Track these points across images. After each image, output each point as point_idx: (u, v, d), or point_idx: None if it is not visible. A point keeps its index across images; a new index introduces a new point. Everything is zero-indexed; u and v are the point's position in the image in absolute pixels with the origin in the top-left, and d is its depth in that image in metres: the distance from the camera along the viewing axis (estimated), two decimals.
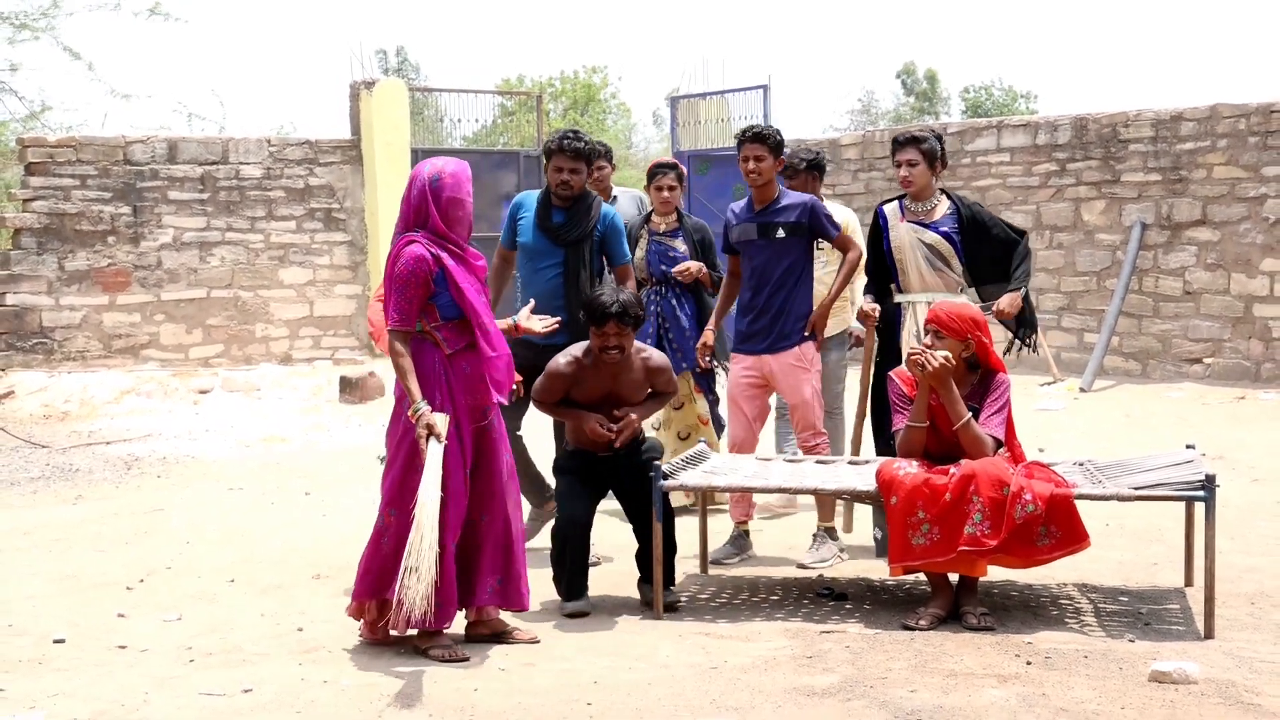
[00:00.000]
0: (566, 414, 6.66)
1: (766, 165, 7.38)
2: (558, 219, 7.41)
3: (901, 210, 7.40)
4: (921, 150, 7.29)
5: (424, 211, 5.77)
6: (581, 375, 6.56)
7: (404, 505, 5.71)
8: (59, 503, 9.51)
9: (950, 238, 7.28)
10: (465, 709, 5.11)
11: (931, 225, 7.30)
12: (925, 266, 7.27)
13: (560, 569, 6.49)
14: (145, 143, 16.62)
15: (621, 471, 6.61)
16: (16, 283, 15.87)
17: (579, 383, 6.57)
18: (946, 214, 7.34)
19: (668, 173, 8.48)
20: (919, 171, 7.30)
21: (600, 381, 6.56)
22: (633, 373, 6.60)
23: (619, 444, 6.55)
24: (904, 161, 7.33)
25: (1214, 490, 5.88)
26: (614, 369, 6.54)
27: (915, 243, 7.28)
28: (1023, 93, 45.27)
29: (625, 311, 6.39)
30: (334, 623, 6.21)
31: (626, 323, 6.41)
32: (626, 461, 6.59)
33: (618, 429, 6.53)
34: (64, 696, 5.27)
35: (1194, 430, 11.26)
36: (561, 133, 7.50)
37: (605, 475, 6.66)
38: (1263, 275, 14.10)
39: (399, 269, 5.69)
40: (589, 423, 6.54)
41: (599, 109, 36.81)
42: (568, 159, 7.34)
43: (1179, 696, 5.09)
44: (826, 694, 5.22)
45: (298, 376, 15.77)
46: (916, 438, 6.27)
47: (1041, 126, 16.11)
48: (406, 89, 18.63)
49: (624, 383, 6.59)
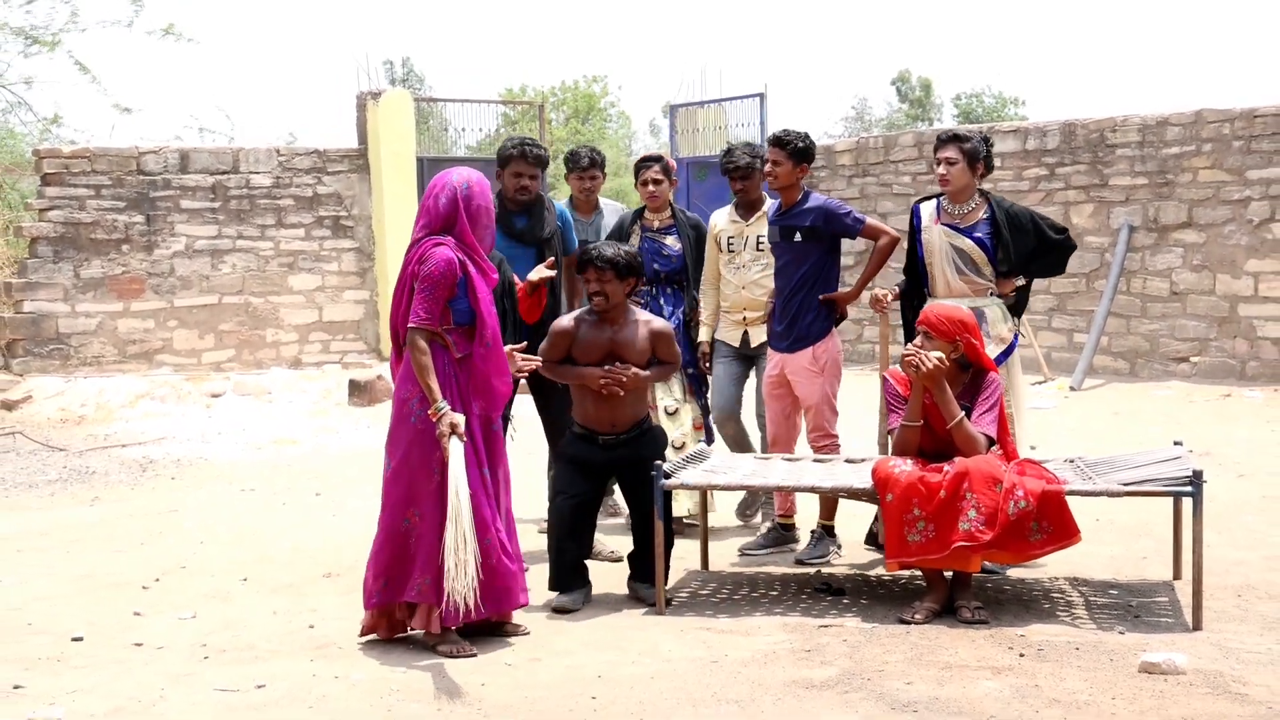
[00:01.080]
0: (570, 373, 6.66)
1: (784, 170, 7.43)
2: (521, 223, 7.49)
3: (938, 211, 7.21)
4: (963, 149, 7.07)
5: (453, 218, 5.87)
6: (583, 332, 6.62)
7: (426, 506, 5.78)
8: (76, 504, 9.60)
9: (984, 244, 7.06)
10: (473, 703, 5.18)
11: (966, 230, 7.09)
12: (952, 272, 7.09)
13: (553, 560, 6.56)
14: (158, 153, 16.76)
15: (623, 461, 6.65)
16: (34, 290, 16.04)
17: (580, 341, 6.61)
18: (983, 218, 7.10)
19: (651, 165, 8.26)
20: (958, 171, 7.07)
21: (601, 340, 6.60)
22: (635, 334, 6.63)
23: (619, 391, 6.54)
24: (944, 160, 7.09)
25: (1201, 486, 5.93)
26: (614, 328, 6.59)
27: (946, 247, 7.10)
28: (1012, 98, 45.45)
29: (601, 256, 6.50)
30: (345, 620, 6.27)
31: (604, 267, 6.49)
32: (628, 451, 6.63)
33: (617, 376, 6.53)
34: (82, 693, 5.33)
35: (1181, 428, 11.31)
36: (519, 139, 7.53)
37: (607, 464, 6.67)
38: (1247, 276, 14.21)
39: (431, 269, 5.76)
40: (590, 375, 6.57)
41: (599, 118, 36.84)
42: (528, 165, 7.42)
43: (1168, 687, 5.16)
44: (825, 686, 5.28)
45: (307, 380, 15.84)
46: (911, 436, 6.36)
47: (1031, 132, 16.22)
48: (412, 99, 18.73)
49: (625, 343, 6.61)
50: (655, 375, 6.78)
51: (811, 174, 18.40)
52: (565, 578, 6.52)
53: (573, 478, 6.64)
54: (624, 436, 6.65)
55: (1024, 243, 7.11)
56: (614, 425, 6.63)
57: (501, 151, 7.52)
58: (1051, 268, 7.43)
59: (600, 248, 6.63)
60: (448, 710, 5.11)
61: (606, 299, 6.56)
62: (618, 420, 6.64)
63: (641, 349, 6.65)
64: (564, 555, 6.52)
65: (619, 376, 6.55)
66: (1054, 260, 7.33)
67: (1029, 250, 7.13)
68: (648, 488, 6.51)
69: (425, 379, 5.73)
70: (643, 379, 6.63)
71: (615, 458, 6.65)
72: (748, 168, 7.82)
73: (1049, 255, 7.24)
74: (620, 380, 6.55)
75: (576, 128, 34.23)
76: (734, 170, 7.85)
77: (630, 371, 6.58)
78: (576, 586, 6.54)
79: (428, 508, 5.78)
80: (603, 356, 6.61)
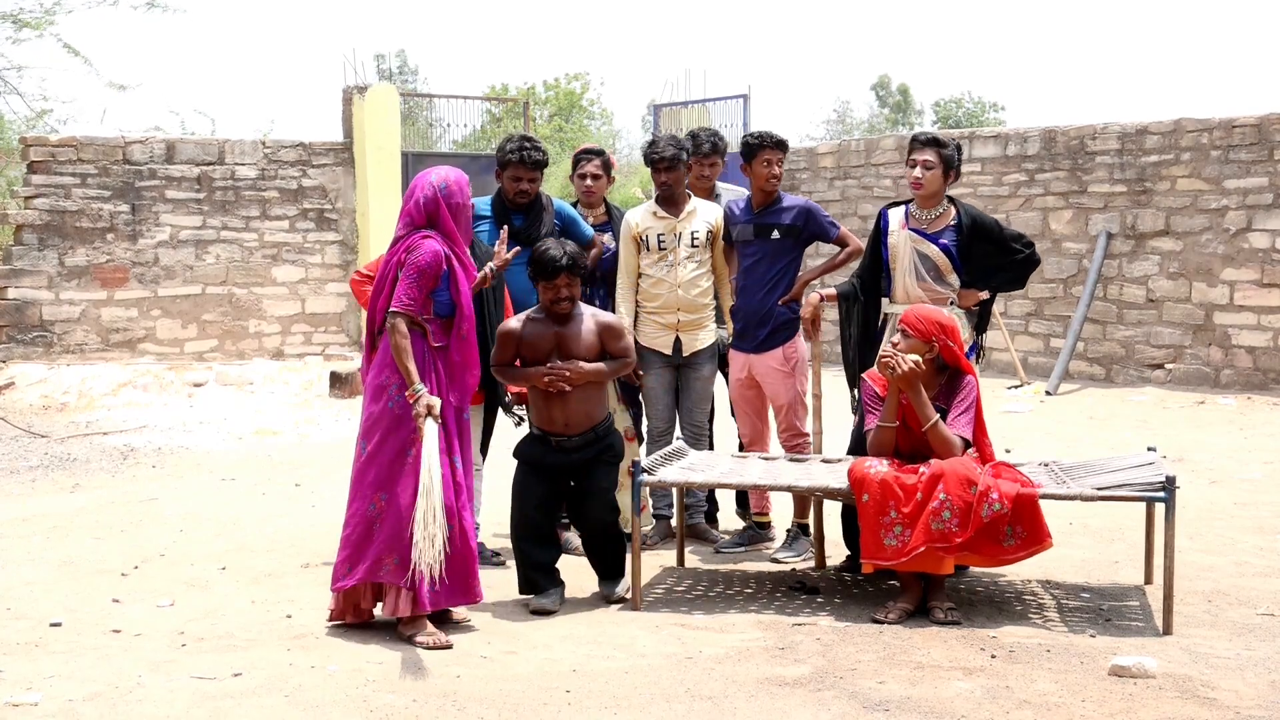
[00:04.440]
0: (518, 375, 6.58)
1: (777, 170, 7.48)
2: (519, 222, 7.42)
3: (906, 217, 7.09)
4: (941, 154, 6.96)
5: (435, 215, 6.00)
6: (528, 331, 6.52)
7: (396, 488, 5.88)
8: (57, 491, 9.60)
9: (949, 250, 6.96)
10: (449, 694, 5.21)
11: (933, 236, 6.98)
12: (912, 279, 6.97)
13: (519, 564, 6.53)
14: (144, 143, 16.79)
15: (576, 465, 6.54)
16: (18, 277, 16.07)
17: (527, 341, 6.51)
18: (950, 225, 6.99)
19: (592, 158, 7.87)
20: (932, 176, 6.94)
21: (546, 338, 6.50)
22: (582, 331, 6.53)
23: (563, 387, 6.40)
24: (920, 162, 6.95)
25: (1174, 491, 5.98)
26: (561, 325, 6.50)
27: (911, 253, 6.99)
28: (991, 103, 45.77)
29: (575, 263, 6.44)
30: (322, 610, 6.29)
31: (576, 273, 6.46)
32: (580, 456, 6.53)
33: (560, 372, 6.41)
34: (60, 679, 5.35)
35: (1155, 433, 11.42)
36: (519, 142, 7.45)
37: (561, 466, 6.54)
38: (1223, 284, 14.30)
39: (419, 258, 5.89)
40: (534, 373, 6.48)
41: (581, 115, 36.85)
42: (526, 170, 7.38)
43: (1137, 690, 5.20)
44: (798, 684, 5.32)
45: (289, 371, 15.88)
46: (887, 437, 6.39)
47: (1011, 138, 16.30)
48: (398, 94, 18.77)
49: (573, 339, 6.50)
50: (605, 370, 6.57)
51: (792, 175, 18.53)
52: (533, 580, 6.47)
53: (527, 481, 6.56)
54: (577, 439, 6.52)
55: (989, 252, 7.02)
56: (566, 425, 6.50)
57: (500, 154, 7.47)
58: (1013, 282, 7.27)
59: (555, 252, 6.45)
60: (423, 701, 5.14)
61: (573, 301, 6.52)
62: (570, 420, 6.50)
63: (589, 344, 6.53)
64: (528, 557, 6.47)
65: (561, 372, 6.42)
66: (1016, 274, 7.18)
67: (994, 261, 7.03)
68: (597, 494, 6.48)
69: (403, 360, 5.85)
70: (587, 372, 6.46)
71: (569, 461, 6.54)
72: (673, 159, 7.53)
73: (1013, 268, 7.11)
74: (563, 375, 6.43)
75: (560, 125, 34.23)
76: (658, 162, 7.53)
77: (573, 365, 6.45)
78: (549, 587, 6.46)
79: (397, 489, 5.88)
80: (549, 355, 6.51)
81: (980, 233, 7.00)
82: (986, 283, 7.08)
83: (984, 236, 7.00)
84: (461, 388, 6.08)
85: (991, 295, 7.13)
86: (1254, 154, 14.03)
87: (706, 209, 7.70)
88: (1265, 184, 13.95)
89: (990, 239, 7.01)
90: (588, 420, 6.54)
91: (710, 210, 7.71)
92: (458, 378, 6.05)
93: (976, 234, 6.99)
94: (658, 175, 7.58)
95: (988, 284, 7.09)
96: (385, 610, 5.99)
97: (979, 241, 6.98)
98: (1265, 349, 14.00)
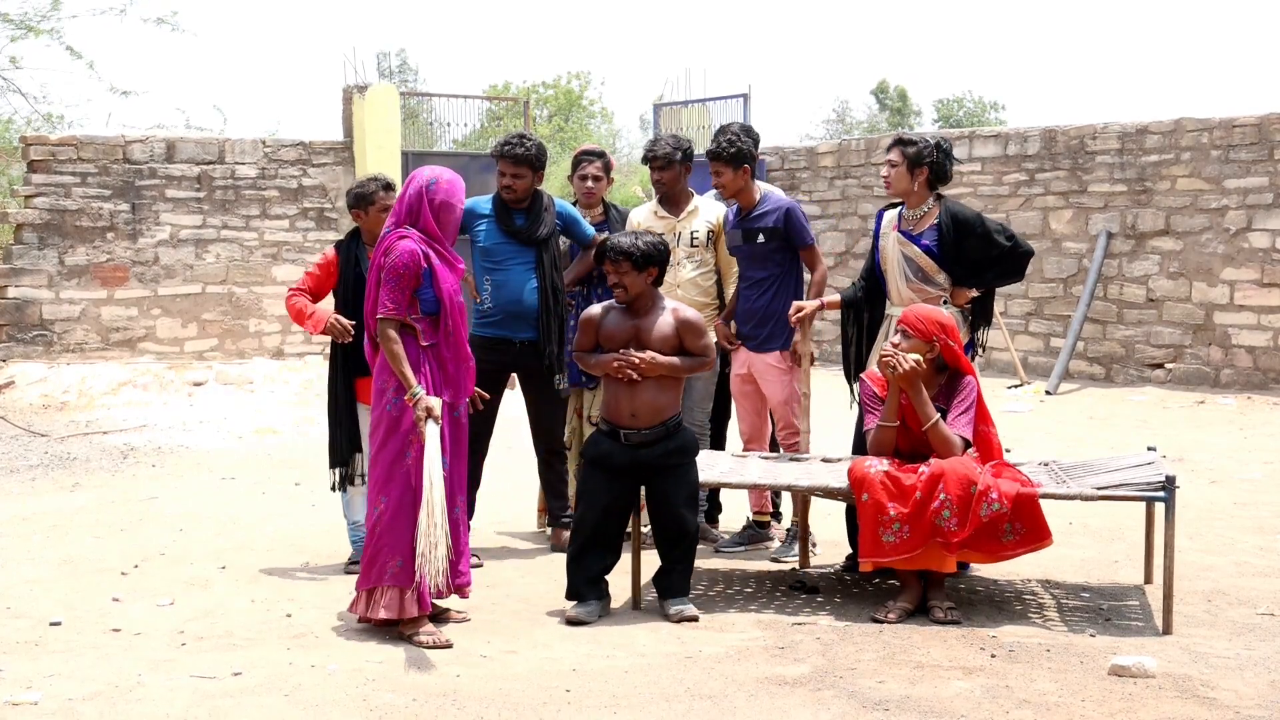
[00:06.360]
0: (593, 362, 6.50)
1: (725, 179, 7.39)
2: (520, 221, 7.43)
3: (898, 219, 7.10)
4: (905, 153, 6.97)
5: (417, 211, 6.02)
6: (609, 321, 6.49)
7: (393, 490, 5.91)
8: (57, 490, 9.60)
9: (931, 250, 6.94)
10: (448, 693, 5.20)
11: (916, 237, 6.97)
12: (902, 281, 6.98)
13: (569, 569, 6.37)
14: (144, 142, 16.78)
15: (646, 463, 6.37)
16: (18, 276, 16.07)
17: (606, 330, 6.47)
18: (932, 225, 6.97)
19: (593, 159, 7.93)
20: (898, 174, 6.97)
21: (626, 329, 6.44)
22: (660, 323, 6.44)
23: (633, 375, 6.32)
24: (886, 162, 7.06)
25: (1174, 491, 5.99)
26: (640, 316, 6.45)
27: (898, 255, 7.00)
28: (992, 103, 45.83)
29: (616, 247, 6.39)
30: (322, 609, 6.32)
31: (618, 259, 6.37)
32: (651, 452, 6.36)
33: (630, 359, 6.33)
34: (60, 678, 5.35)
35: (1155, 433, 11.43)
36: (504, 138, 7.47)
37: (631, 465, 6.37)
38: (1223, 284, 14.33)
39: (394, 260, 5.91)
40: (605, 359, 6.41)
41: (582, 114, 36.85)
42: (509, 164, 7.38)
43: (1137, 689, 5.20)
44: (798, 683, 5.32)
45: (289, 371, 15.89)
46: (887, 436, 6.40)
47: (1012, 138, 16.31)
48: (398, 94, 18.76)
49: (650, 332, 6.42)
50: (680, 364, 6.43)
51: (792, 175, 18.55)
52: (578, 588, 6.31)
53: (594, 482, 6.41)
54: (646, 432, 6.36)
55: (971, 247, 6.95)
56: (633, 416, 6.35)
57: (492, 151, 7.51)
58: (1007, 275, 7.18)
59: (616, 239, 6.48)
60: (422, 701, 5.14)
61: (626, 290, 6.45)
62: (638, 411, 6.34)
63: (666, 337, 6.42)
64: (580, 565, 6.31)
65: (631, 359, 6.34)
66: (1009, 267, 7.10)
67: (978, 256, 6.96)
68: (665, 505, 6.35)
69: (399, 366, 5.89)
70: (660, 364, 6.34)
71: (639, 458, 6.36)
72: (666, 159, 7.60)
73: (1001, 262, 7.04)
74: (632, 362, 6.35)
75: (560, 125, 34.25)
76: (651, 161, 7.64)
77: (646, 355, 6.37)
78: (592, 598, 6.30)
79: (394, 492, 5.91)
80: (626, 345, 6.43)
81: (961, 228, 6.94)
82: (978, 279, 7.04)
83: (965, 232, 6.94)
84: (455, 385, 6.08)
85: (990, 291, 7.13)
86: (1254, 154, 14.05)
87: (708, 208, 7.73)
88: (1265, 184, 13.98)
89: (972, 234, 6.95)
90: (656, 414, 6.38)
91: (712, 209, 7.74)
92: (450, 374, 6.06)
93: (958, 230, 6.93)
94: (653, 174, 7.68)
95: (979, 280, 7.05)
96: (390, 611, 5.96)
97: (962, 237, 6.94)
98: (1265, 349, 14.02)
